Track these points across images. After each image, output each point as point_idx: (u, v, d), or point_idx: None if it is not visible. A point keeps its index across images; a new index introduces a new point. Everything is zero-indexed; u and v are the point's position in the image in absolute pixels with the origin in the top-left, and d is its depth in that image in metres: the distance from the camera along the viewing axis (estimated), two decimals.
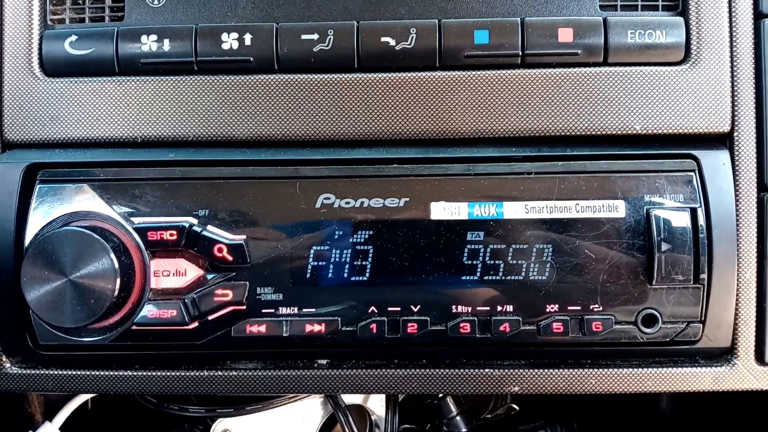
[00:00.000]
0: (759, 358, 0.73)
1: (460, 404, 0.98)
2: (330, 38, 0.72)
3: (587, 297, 0.70)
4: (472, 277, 0.71)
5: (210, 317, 0.71)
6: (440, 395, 0.98)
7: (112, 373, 0.74)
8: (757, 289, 0.72)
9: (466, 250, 0.70)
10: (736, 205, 0.71)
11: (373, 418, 0.97)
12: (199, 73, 0.73)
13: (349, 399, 0.93)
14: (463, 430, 0.97)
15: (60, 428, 0.90)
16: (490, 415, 1.09)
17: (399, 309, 0.71)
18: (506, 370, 0.74)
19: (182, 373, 0.74)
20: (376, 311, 0.71)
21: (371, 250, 0.71)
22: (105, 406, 1.08)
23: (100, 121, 0.73)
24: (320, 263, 0.71)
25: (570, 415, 1.00)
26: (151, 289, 0.70)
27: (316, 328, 0.71)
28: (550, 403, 1.03)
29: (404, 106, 0.73)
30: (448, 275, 0.70)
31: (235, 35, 0.72)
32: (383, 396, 0.95)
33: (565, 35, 0.72)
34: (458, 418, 0.97)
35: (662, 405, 1.10)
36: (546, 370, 0.73)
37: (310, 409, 0.91)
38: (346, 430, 0.88)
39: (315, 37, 0.72)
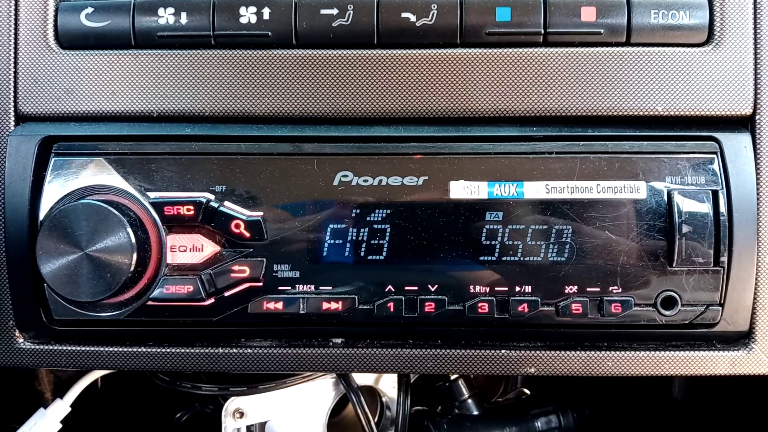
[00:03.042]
0: None
1: (471, 387, 0.98)
2: (350, 13, 0.71)
3: (607, 278, 0.70)
4: (490, 257, 0.70)
5: (226, 293, 0.70)
6: (452, 378, 0.98)
7: (126, 349, 0.74)
8: None
9: (485, 229, 0.70)
10: (758, 189, 0.71)
11: (384, 399, 0.97)
12: (216, 47, 0.72)
13: (360, 380, 0.92)
14: (475, 412, 0.97)
15: (70, 406, 0.89)
16: (501, 399, 1.09)
17: (416, 288, 0.71)
18: (522, 352, 0.73)
19: (197, 350, 0.74)
20: (393, 290, 0.71)
21: (389, 229, 0.70)
22: (115, 385, 1.08)
23: (116, 94, 0.73)
24: (338, 241, 0.70)
25: (581, 400, 0.99)
26: (167, 265, 0.70)
27: (333, 305, 0.71)
28: (561, 388, 1.02)
29: (424, 84, 0.72)
30: (466, 255, 0.70)
31: (253, 9, 0.71)
32: (395, 377, 0.95)
33: (588, 14, 0.71)
34: (470, 400, 0.97)
35: (675, 391, 1.10)
36: (562, 352, 0.73)
37: (322, 390, 0.91)
38: (358, 410, 0.88)
39: (334, 12, 0.71)
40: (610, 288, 0.70)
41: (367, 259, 0.70)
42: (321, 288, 0.71)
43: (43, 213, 0.70)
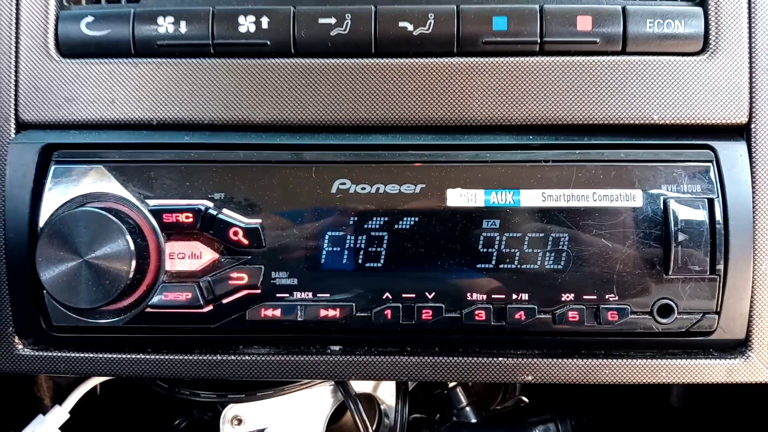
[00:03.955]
0: None
1: (469, 395, 0.98)
2: (347, 22, 0.71)
3: (603, 286, 0.70)
4: (487, 265, 0.70)
5: (225, 301, 0.71)
6: (450, 385, 0.98)
7: (124, 356, 0.74)
8: None
9: (482, 237, 0.70)
10: (753, 197, 0.71)
11: (382, 407, 0.97)
12: (215, 56, 0.73)
13: (358, 388, 0.93)
14: (473, 420, 0.97)
15: (69, 412, 0.89)
16: (499, 407, 1.09)
17: (414, 296, 0.71)
18: (519, 359, 0.73)
19: (195, 357, 0.74)
20: (390, 297, 0.71)
21: (387, 236, 0.70)
22: (114, 392, 1.08)
23: (115, 102, 0.73)
24: (335, 248, 0.70)
25: (580, 408, 0.99)
26: (166, 272, 0.70)
27: (331, 313, 0.71)
28: (559, 397, 1.02)
29: (421, 92, 0.72)
30: (463, 263, 0.70)
31: (252, 18, 0.72)
32: (393, 385, 0.95)
33: (584, 23, 0.71)
34: (468, 408, 0.97)
35: (672, 399, 1.10)
36: (559, 360, 0.73)
37: (321, 397, 0.91)
38: (356, 418, 0.88)
39: (332, 21, 0.71)
40: (607, 296, 0.70)
41: (364, 266, 0.71)
42: (319, 295, 0.71)
43: (43, 220, 0.70)
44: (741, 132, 0.73)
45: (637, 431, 1.09)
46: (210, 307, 0.71)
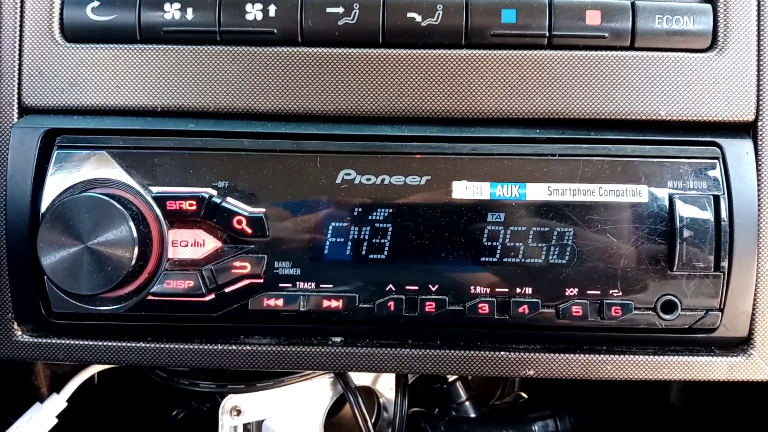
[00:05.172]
0: None
1: (469, 389, 0.98)
2: (355, 12, 0.71)
3: (607, 281, 0.70)
4: (492, 258, 0.70)
5: (227, 290, 0.70)
6: (450, 380, 0.98)
7: (124, 344, 0.74)
8: None
9: (486, 230, 0.70)
10: (758, 195, 0.71)
11: (381, 400, 0.97)
12: (221, 43, 0.72)
13: (358, 381, 0.92)
14: (472, 415, 0.97)
15: (66, 401, 0.89)
16: (498, 402, 1.09)
17: (417, 288, 0.71)
18: (522, 353, 0.73)
19: (195, 346, 0.74)
20: (393, 289, 0.71)
21: (391, 228, 0.70)
22: (111, 381, 1.07)
23: (120, 88, 0.73)
24: (339, 239, 0.70)
25: (579, 405, 0.99)
26: (168, 260, 0.70)
27: (333, 303, 0.71)
28: (558, 393, 1.02)
29: (428, 84, 0.72)
30: (467, 255, 0.70)
31: (259, 6, 0.71)
32: (393, 378, 0.95)
33: (593, 18, 0.71)
34: (467, 403, 0.97)
35: (672, 396, 1.10)
36: (562, 355, 0.73)
37: (320, 389, 0.91)
38: (356, 410, 0.87)
39: (340, 10, 0.71)
40: (611, 291, 0.70)
41: (368, 257, 0.70)
42: (321, 286, 0.71)
43: (45, 205, 0.70)
44: (747, 129, 0.73)
45: (635, 429, 1.09)
46: (212, 296, 0.70)
